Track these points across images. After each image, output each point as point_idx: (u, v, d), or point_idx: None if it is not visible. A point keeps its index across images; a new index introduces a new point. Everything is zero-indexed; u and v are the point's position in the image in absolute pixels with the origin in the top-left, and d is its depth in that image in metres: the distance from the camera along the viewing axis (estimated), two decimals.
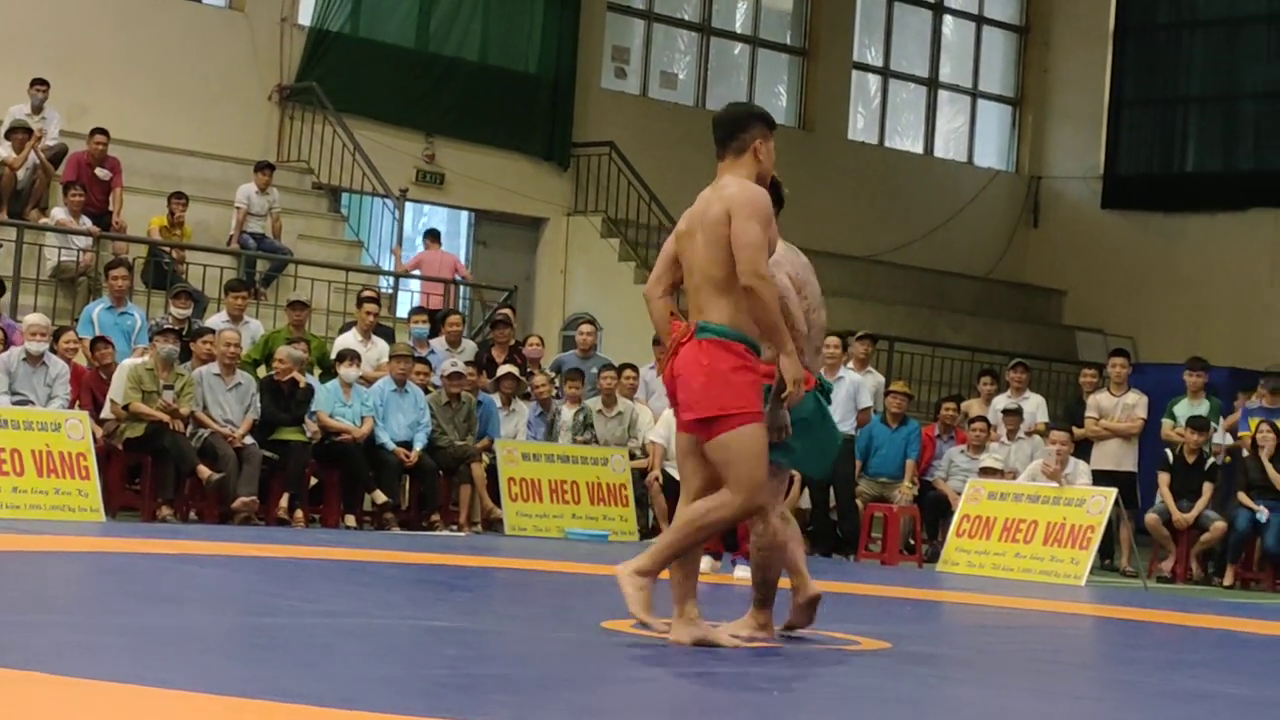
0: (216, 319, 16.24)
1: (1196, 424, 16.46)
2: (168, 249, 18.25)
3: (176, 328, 15.32)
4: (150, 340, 15.03)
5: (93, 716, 4.96)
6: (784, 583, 7.89)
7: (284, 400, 15.04)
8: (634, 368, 17.32)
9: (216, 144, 20.62)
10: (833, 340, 15.52)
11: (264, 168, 19.43)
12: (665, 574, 7.54)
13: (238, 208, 19.14)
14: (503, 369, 16.86)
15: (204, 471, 14.15)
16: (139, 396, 14.29)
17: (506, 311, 18.61)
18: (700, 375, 7.23)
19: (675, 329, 7.40)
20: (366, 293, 17.51)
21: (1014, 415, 17.29)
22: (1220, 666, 9.07)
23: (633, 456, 16.64)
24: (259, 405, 14.85)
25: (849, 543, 16.37)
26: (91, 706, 5.11)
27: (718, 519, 7.31)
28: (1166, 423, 17.17)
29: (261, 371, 15.65)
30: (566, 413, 16.69)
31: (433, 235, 20.76)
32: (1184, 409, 17.14)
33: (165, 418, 14.25)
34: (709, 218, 7.40)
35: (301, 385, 15.14)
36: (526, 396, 16.95)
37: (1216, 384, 18.22)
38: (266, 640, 7.11)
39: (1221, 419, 17.24)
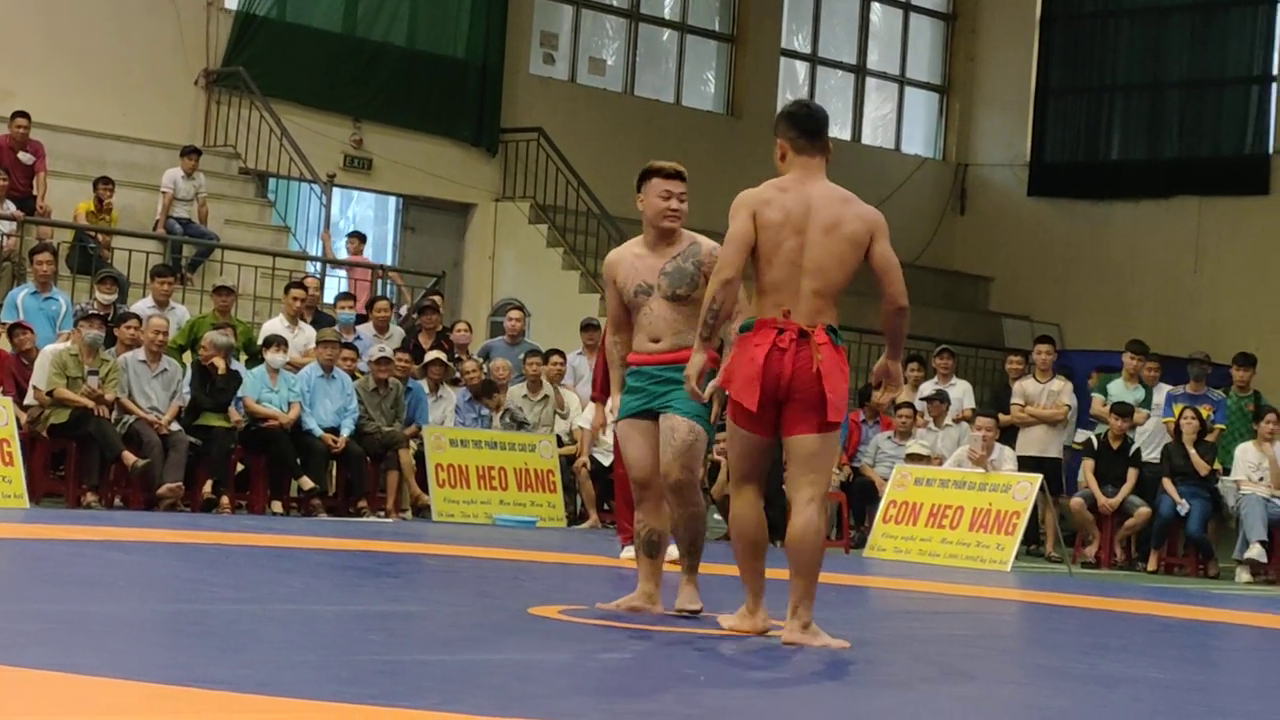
0: (142, 304, 16.14)
1: (1121, 410, 16.57)
2: (93, 234, 18.13)
3: (102, 313, 15.22)
4: (75, 325, 14.93)
5: (14, 703, 4.93)
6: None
7: (210, 386, 14.96)
8: (561, 353, 17.32)
9: (142, 128, 20.49)
10: None
11: (190, 152, 19.32)
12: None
13: (164, 192, 19.02)
14: (430, 355, 16.82)
15: (129, 458, 14.07)
16: (63, 382, 14.20)
17: (434, 298, 18.56)
18: (843, 380, 7.49)
19: (773, 322, 7.43)
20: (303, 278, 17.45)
21: (940, 402, 17.36)
22: (1143, 651, 9.14)
23: (560, 442, 16.64)
24: (185, 391, 14.78)
25: (775, 529, 16.35)
26: (13, 693, 5.08)
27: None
28: (1097, 398, 17.32)
29: (188, 357, 15.56)
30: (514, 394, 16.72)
31: (358, 237, 20.62)
32: (1118, 389, 17.27)
33: (90, 403, 14.16)
34: (845, 231, 7.61)
35: (224, 372, 15.06)
36: (455, 382, 16.92)
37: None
38: (190, 627, 7.07)
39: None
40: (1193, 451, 16.26)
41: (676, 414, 8.07)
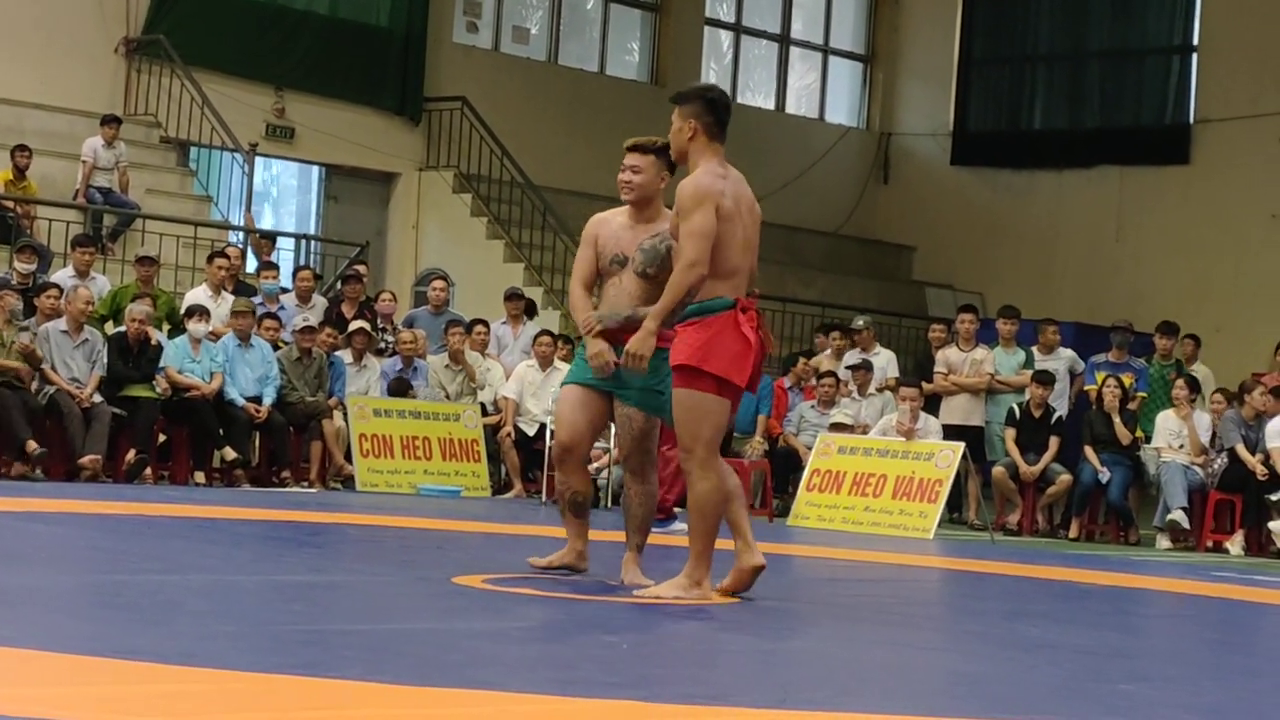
0: (62, 274, 16.01)
1: (1042, 378, 16.66)
2: (12, 203, 17.97)
3: (20, 284, 15.11)
4: None
5: None
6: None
7: (133, 357, 14.87)
8: (485, 323, 17.28)
9: (62, 97, 20.31)
10: None
11: (110, 121, 19.17)
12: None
13: (84, 161, 18.88)
14: (354, 324, 16.76)
15: (32, 446, 13.92)
16: None
17: (358, 267, 18.48)
18: None
19: (741, 303, 7.78)
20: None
21: (863, 370, 17.41)
22: (1063, 617, 9.20)
23: (484, 412, 16.62)
24: (105, 361, 14.68)
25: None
26: None
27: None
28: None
29: (109, 328, 15.46)
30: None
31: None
32: (999, 357, 17.38)
33: (20, 366, 14.05)
34: (757, 211, 8.02)
35: (152, 342, 14.98)
36: (380, 352, 16.87)
37: (1065, 338, 18.47)
38: (111, 598, 7.04)
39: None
40: (1117, 420, 16.37)
41: (632, 406, 8.26)
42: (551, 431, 10.28)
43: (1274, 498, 15.51)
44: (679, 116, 7.89)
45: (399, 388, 16.37)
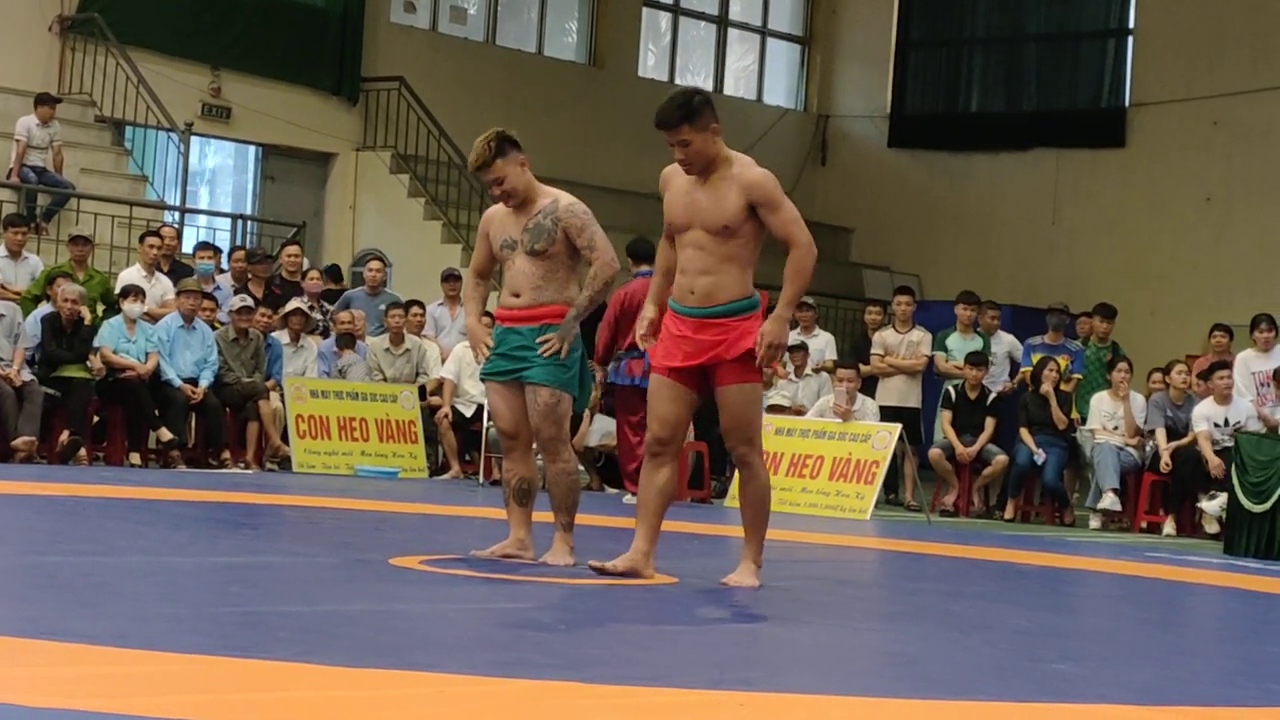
0: None
1: (975, 360, 16.72)
2: None
3: None
4: None
5: None
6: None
7: (66, 337, 14.78)
8: (421, 304, 17.24)
9: None
10: None
11: (46, 100, 19.03)
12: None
13: (17, 140, 18.73)
14: (291, 304, 16.68)
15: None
16: None
17: (296, 248, 18.39)
18: None
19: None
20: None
21: (800, 352, 17.43)
22: (999, 598, 9.25)
23: (422, 394, 16.58)
24: (33, 336, 14.55)
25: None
26: None
27: None
28: (939, 355, 17.45)
29: (44, 307, 15.35)
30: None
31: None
32: (955, 342, 17.43)
33: None
34: None
35: (86, 322, 14.89)
36: (314, 332, 16.81)
37: (1003, 321, 18.51)
38: (44, 580, 7.00)
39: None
40: (1054, 404, 16.45)
41: (535, 382, 8.31)
42: (489, 414, 10.31)
43: (1204, 504, 15.54)
44: (697, 132, 7.82)
45: (345, 340, 16.37)
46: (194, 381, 15.34)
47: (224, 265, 17.55)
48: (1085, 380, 17.40)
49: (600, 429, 15.72)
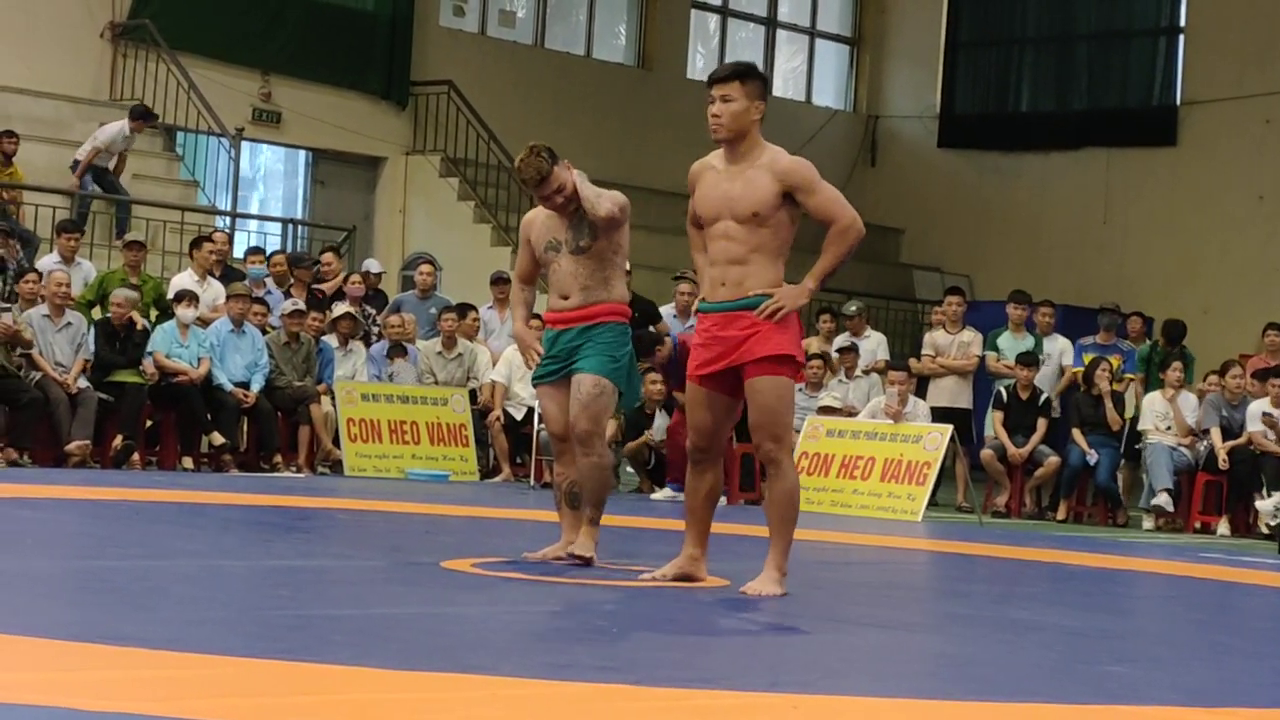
0: (48, 260, 15.98)
1: (1026, 360, 16.65)
2: None
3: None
4: None
5: None
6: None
7: (119, 342, 14.85)
8: (474, 308, 17.25)
9: (47, 82, 20.26)
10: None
11: (144, 116, 19.04)
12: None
13: (95, 142, 18.76)
14: (339, 308, 16.71)
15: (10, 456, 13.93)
16: None
17: (329, 255, 18.42)
18: None
19: None
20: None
21: (850, 353, 17.39)
22: (1051, 599, 9.21)
23: (472, 397, 16.59)
24: (91, 345, 14.65)
25: None
26: None
27: None
28: (990, 355, 17.37)
29: (97, 313, 15.42)
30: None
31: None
32: (1007, 342, 17.36)
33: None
34: None
35: (139, 327, 14.96)
36: (364, 337, 16.84)
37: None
38: (98, 584, 7.02)
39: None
40: (1108, 404, 16.37)
41: (582, 371, 8.30)
42: (539, 416, 10.32)
43: (1260, 504, 15.39)
44: (744, 95, 7.66)
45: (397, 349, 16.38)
46: (245, 385, 15.38)
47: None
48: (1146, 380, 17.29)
49: (663, 425, 15.74)
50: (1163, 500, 15.83)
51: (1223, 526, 15.80)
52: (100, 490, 11.68)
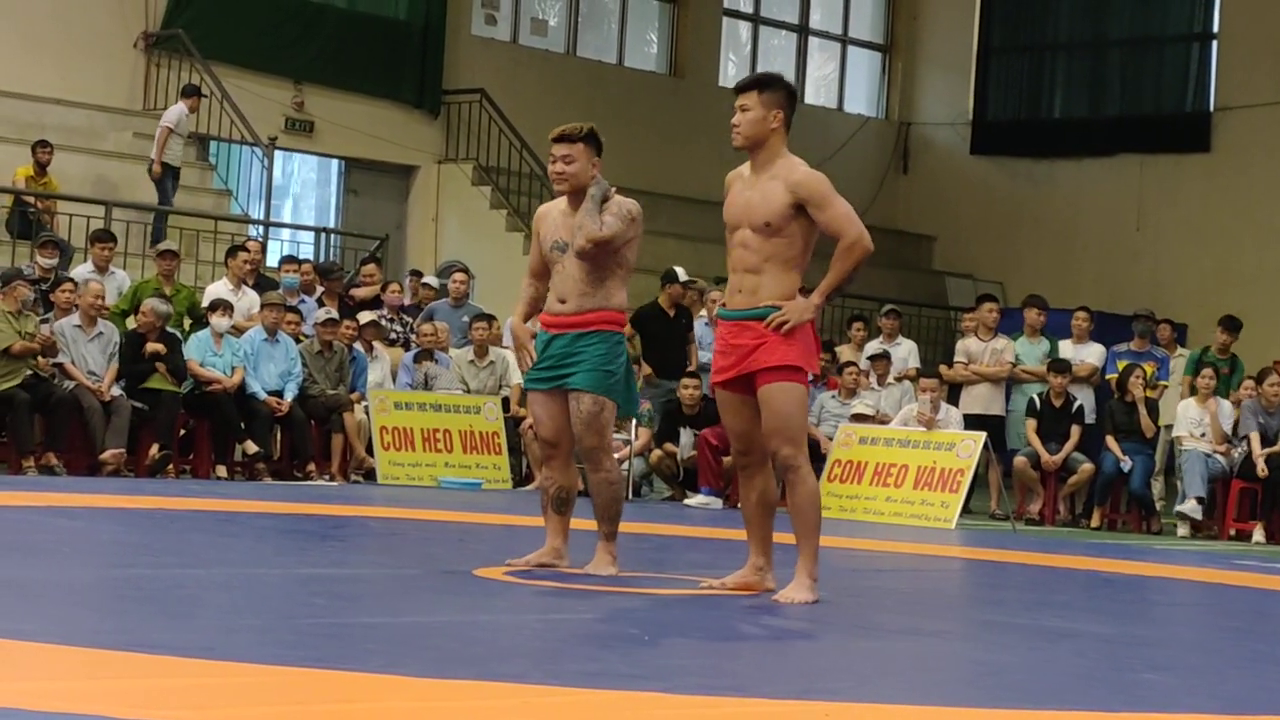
0: (82, 269, 16.03)
1: (1059, 367, 16.61)
2: (33, 199, 18.00)
3: (41, 277, 15.13)
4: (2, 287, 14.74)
5: None
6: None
7: (138, 355, 14.84)
8: (493, 317, 17.23)
9: (81, 92, 20.35)
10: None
11: (193, 93, 19.30)
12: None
13: (164, 127, 18.89)
14: (364, 316, 16.72)
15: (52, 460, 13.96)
16: None
17: (370, 266, 18.45)
18: None
19: None
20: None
21: (883, 360, 17.38)
22: (1086, 606, 9.19)
23: (505, 405, 16.60)
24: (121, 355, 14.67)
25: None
26: None
27: None
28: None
29: (131, 322, 15.46)
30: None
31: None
32: (1023, 347, 17.31)
33: (36, 346, 14.04)
34: None
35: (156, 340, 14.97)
36: (392, 343, 16.86)
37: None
38: (132, 592, 7.04)
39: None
40: (1143, 411, 16.32)
41: (578, 388, 8.25)
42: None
43: None
44: (761, 104, 7.72)
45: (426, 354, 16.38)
46: (279, 394, 15.41)
47: None
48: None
49: (689, 443, 15.74)
50: (1189, 507, 15.78)
51: (1258, 533, 15.75)
52: (135, 499, 11.71)
